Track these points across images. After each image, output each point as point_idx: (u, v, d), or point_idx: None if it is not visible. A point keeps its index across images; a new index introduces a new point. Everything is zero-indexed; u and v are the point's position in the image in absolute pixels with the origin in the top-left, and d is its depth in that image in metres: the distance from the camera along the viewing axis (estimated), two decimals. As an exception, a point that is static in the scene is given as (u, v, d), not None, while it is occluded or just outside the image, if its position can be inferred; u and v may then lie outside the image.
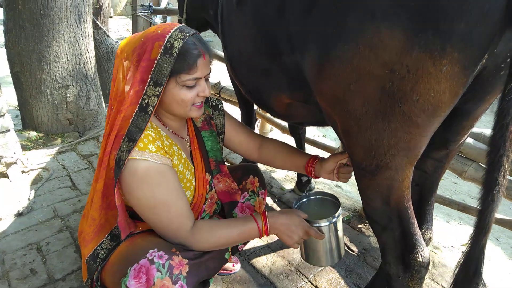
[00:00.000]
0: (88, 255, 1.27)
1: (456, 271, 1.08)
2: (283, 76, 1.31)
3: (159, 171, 1.20)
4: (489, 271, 2.16)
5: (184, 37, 1.19)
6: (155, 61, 1.17)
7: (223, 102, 1.93)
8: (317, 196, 1.56)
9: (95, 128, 3.69)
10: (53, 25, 3.24)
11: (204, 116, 1.55)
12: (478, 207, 0.97)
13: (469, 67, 0.85)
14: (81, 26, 3.42)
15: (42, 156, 3.04)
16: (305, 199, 1.55)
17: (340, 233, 1.41)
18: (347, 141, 1.12)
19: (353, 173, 1.22)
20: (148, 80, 1.18)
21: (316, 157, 1.55)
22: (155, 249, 1.12)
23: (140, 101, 1.18)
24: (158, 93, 1.18)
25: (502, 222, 1.90)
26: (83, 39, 3.47)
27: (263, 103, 1.61)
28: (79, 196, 2.53)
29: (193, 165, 1.43)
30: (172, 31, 1.20)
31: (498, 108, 0.87)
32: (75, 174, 2.82)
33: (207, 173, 1.47)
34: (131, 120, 1.17)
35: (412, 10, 0.81)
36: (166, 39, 1.18)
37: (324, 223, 1.35)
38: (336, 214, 1.37)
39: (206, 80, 1.32)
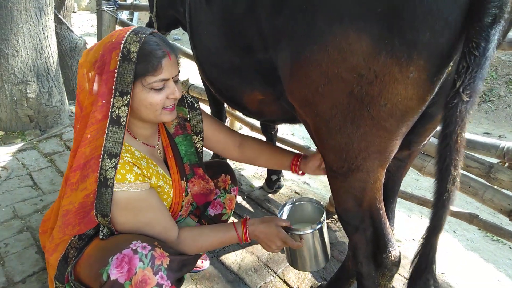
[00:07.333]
0: (61, 256, 1.25)
1: (408, 279, 1.11)
2: (256, 73, 1.30)
3: (140, 198, 1.21)
4: (446, 263, 2.28)
5: (140, 39, 1.16)
6: (115, 71, 1.14)
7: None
8: (302, 202, 1.58)
9: (57, 126, 3.56)
10: (10, 17, 3.10)
11: (177, 120, 1.51)
12: (430, 211, 0.97)
13: (435, 75, 0.86)
14: (42, 19, 3.29)
15: (0, 155, 2.90)
16: (290, 205, 1.57)
17: (326, 239, 1.42)
18: (319, 143, 1.12)
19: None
20: (113, 91, 1.14)
21: (299, 155, 1.56)
22: (138, 241, 1.13)
23: (109, 114, 1.15)
24: (127, 102, 1.16)
25: (458, 215, 1.99)
26: (44, 33, 3.34)
27: (234, 101, 1.58)
28: (40, 195, 2.45)
29: (170, 177, 1.41)
30: (126, 35, 1.16)
31: (442, 117, 0.86)
32: (36, 173, 2.71)
33: (182, 180, 1.45)
34: (105, 137, 1.14)
35: (379, 16, 0.81)
36: (122, 46, 1.14)
37: (307, 231, 1.36)
38: (321, 220, 1.39)
39: (176, 81, 1.28)
